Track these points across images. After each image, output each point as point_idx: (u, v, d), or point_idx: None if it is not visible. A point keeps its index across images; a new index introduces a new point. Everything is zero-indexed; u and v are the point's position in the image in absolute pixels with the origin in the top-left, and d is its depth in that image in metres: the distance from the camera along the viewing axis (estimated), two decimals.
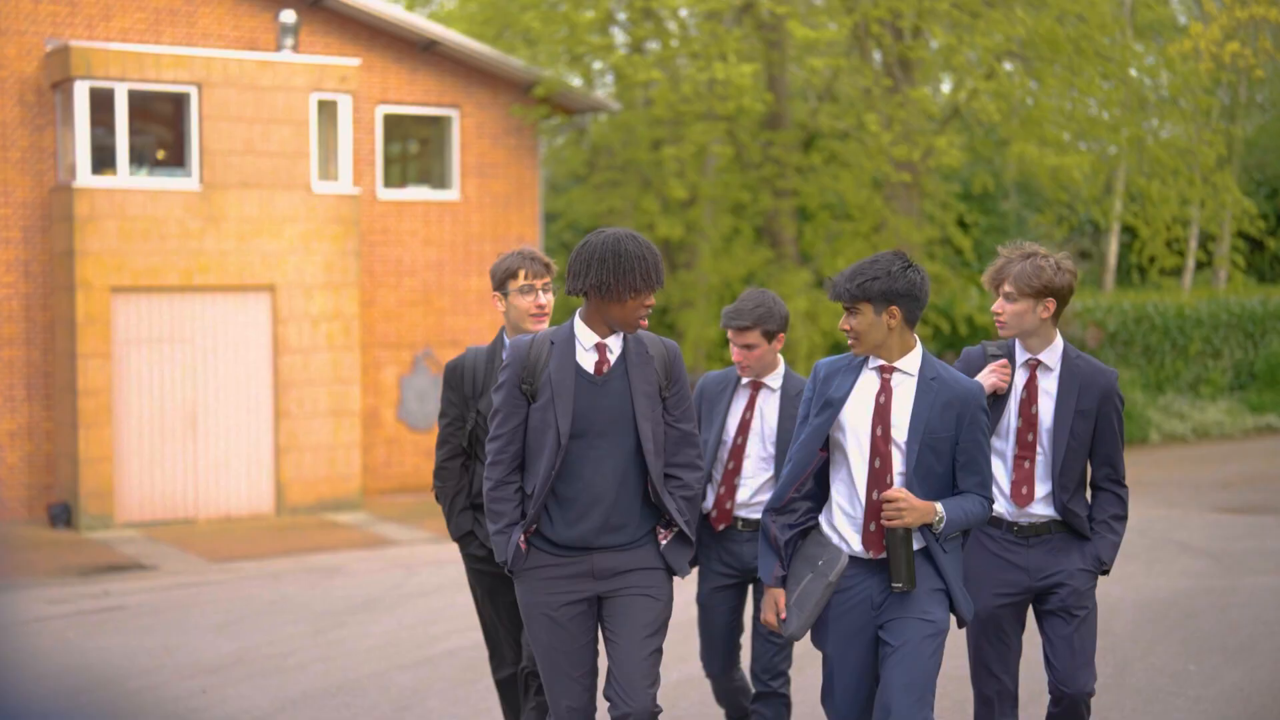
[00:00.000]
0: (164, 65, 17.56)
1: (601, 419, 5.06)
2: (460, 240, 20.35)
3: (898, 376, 5.04)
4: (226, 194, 17.83)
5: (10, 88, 17.52)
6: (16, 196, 17.58)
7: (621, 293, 4.96)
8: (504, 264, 5.99)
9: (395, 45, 19.84)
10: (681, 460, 5.20)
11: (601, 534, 5.08)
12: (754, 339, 6.14)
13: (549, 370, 5.05)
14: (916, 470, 5.00)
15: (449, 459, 6.06)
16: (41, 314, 17.75)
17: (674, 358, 5.21)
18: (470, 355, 6.08)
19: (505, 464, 5.13)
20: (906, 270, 4.97)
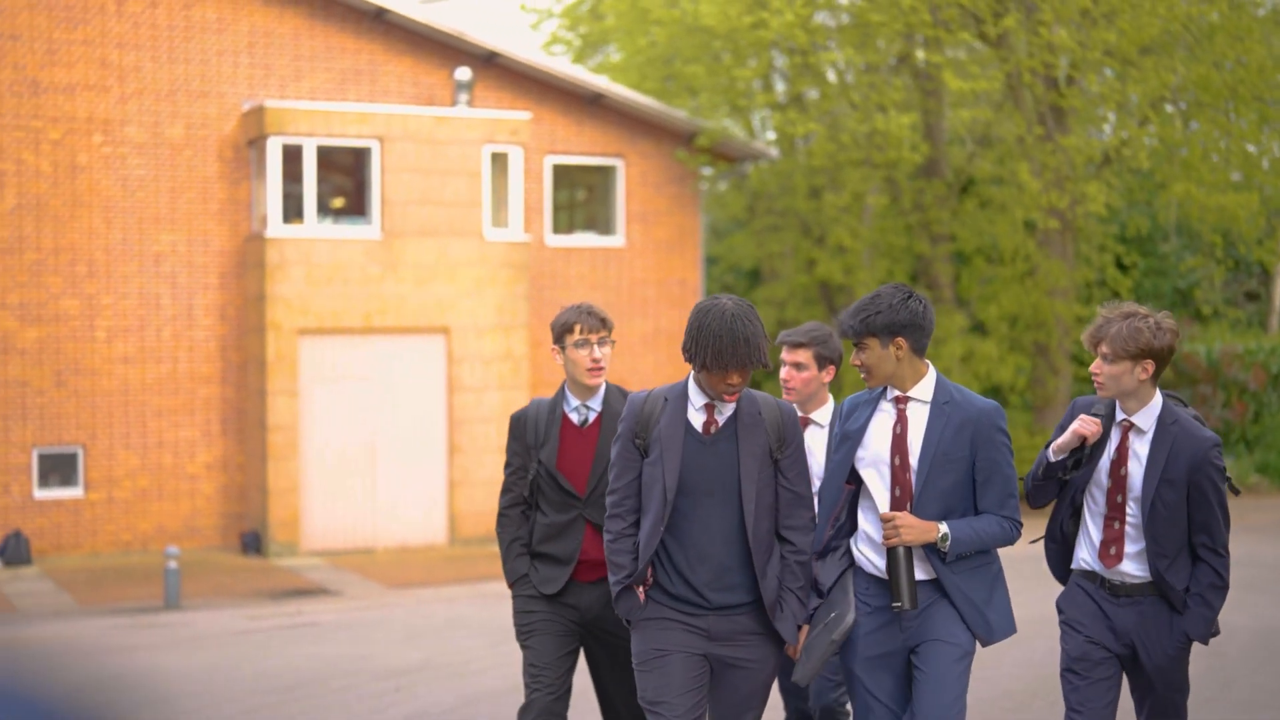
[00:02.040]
0: (348, 122, 19.28)
1: (708, 478, 5.21)
2: (625, 284, 21.73)
3: (913, 405, 5.30)
4: (405, 241, 19.45)
5: (211, 145, 19.40)
6: (215, 245, 19.43)
7: (714, 369, 5.12)
8: (562, 318, 6.18)
9: (564, 99, 21.36)
10: (794, 523, 5.33)
11: (713, 591, 5.24)
12: (804, 358, 6.32)
13: (660, 426, 5.25)
14: (927, 491, 5.20)
15: (510, 507, 6.31)
16: (235, 354, 19.54)
17: (788, 421, 5.32)
18: (533, 407, 6.31)
19: (623, 517, 5.34)
20: (907, 301, 5.23)
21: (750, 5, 21.13)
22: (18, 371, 18.51)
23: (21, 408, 18.54)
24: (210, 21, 19.42)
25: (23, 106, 18.49)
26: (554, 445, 6.16)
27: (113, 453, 18.98)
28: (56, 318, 18.70)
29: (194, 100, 19.33)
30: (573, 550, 6.12)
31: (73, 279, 18.77)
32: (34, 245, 18.57)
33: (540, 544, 6.22)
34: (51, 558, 18.58)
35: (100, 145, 18.88)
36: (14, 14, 18.44)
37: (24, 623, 14.80)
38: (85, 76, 18.80)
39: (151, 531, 19.15)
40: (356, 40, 20.19)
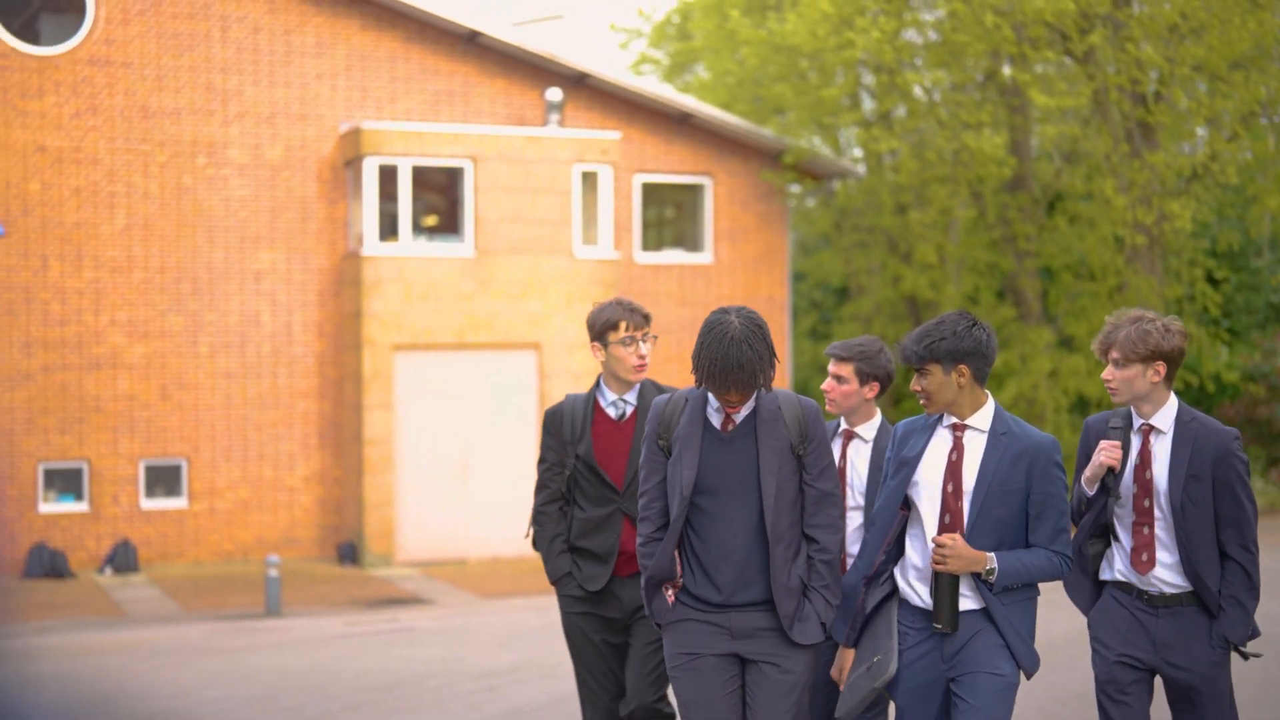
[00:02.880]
0: (442, 142, 19.95)
1: (729, 476, 5.24)
2: (713, 300, 22.21)
3: (970, 434, 5.30)
4: (497, 259, 20.08)
5: (310, 166, 20.16)
6: (313, 263, 20.17)
7: (714, 389, 5.18)
8: (604, 315, 6.23)
9: (653, 118, 21.91)
10: (821, 521, 5.32)
11: (736, 590, 5.25)
12: (845, 372, 6.26)
13: (680, 426, 5.32)
14: (980, 522, 5.20)
15: (547, 503, 6.38)
16: (333, 370, 20.25)
17: (810, 417, 5.33)
18: (569, 402, 6.39)
19: (653, 519, 5.38)
20: (972, 329, 5.25)
21: (836, 25, 21.55)
22: (126, 386, 19.34)
23: (129, 421, 19.37)
24: (309, 46, 20.19)
25: (133, 131, 19.35)
26: (590, 439, 6.25)
27: (215, 465, 19.76)
28: (162, 334, 19.52)
29: (293, 122, 20.11)
30: (611, 545, 6.24)
31: (178, 296, 19.58)
32: (142, 264, 19.41)
33: (578, 539, 6.31)
34: (157, 566, 19.37)
35: (204, 167, 19.70)
36: (126, 43, 19.32)
37: (133, 626, 15.54)
38: (191, 101, 19.63)
39: (252, 542, 19.89)
40: (450, 62, 20.88)
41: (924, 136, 22.66)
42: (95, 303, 19.23)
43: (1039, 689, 9.59)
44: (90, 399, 19.21)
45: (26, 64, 18.92)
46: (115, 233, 19.31)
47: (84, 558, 19.11)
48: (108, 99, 19.28)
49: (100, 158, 19.24)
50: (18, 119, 18.86)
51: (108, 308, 19.28)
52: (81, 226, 19.17)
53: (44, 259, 19.01)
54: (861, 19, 21.07)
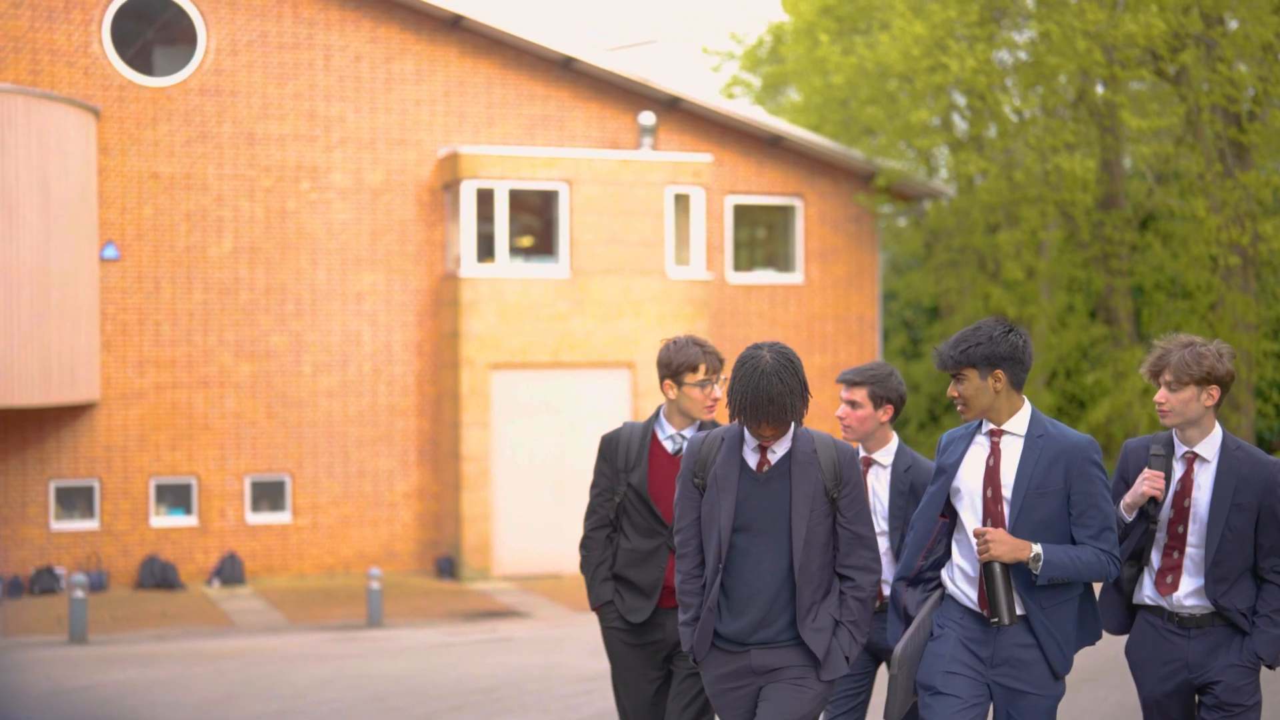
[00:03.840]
0: (538, 166, 20.63)
1: (762, 516, 5.37)
2: (804, 320, 22.69)
3: (1007, 439, 5.43)
4: (591, 280, 20.71)
5: (409, 190, 20.93)
6: (412, 284, 20.92)
7: (747, 422, 5.33)
8: (684, 355, 6.31)
9: (744, 141, 22.47)
10: (855, 562, 5.45)
11: (757, 629, 5.39)
12: (859, 397, 6.39)
13: (716, 465, 5.44)
14: (1021, 524, 5.33)
15: (595, 529, 6.45)
16: (431, 388, 20.97)
17: (845, 460, 5.45)
18: (626, 429, 6.45)
19: (690, 556, 5.52)
20: (1008, 334, 5.37)
21: (929, 47, 21.96)
22: (233, 404, 20.18)
23: (236, 438, 20.20)
24: (409, 74, 20.97)
25: (240, 157, 20.23)
26: (644, 470, 6.32)
27: (318, 481, 20.54)
28: (268, 353, 20.35)
29: (393, 148, 20.89)
30: (655, 579, 6.32)
31: (282, 317, 20.41)
32: (248, 285, 20.26)
33: (623, 569, 6.38)
34: (262, 578, 20.17)
35: (307, 191, 20.52)
36: (234, 73, 20.21)
37: (241, 635, 16.29)
38: (295, 128, 20.48)
39: (353, 556, 20.64)
40: (546, 88, 21.57)
41: (1013, 157, 23.01)
42: (204, 323, 20.10)
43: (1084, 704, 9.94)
44: (199, 417, 20.07)
45: (141, 95, 19.86)
46: (223, 256, 20.18)
47: (193, 570, 19.95)
48: (216, 127, 20.18)
49: (209, 183, 20.13)
50: (133, 147, 19.80)
51: (216, 328, 20.14)
52: (191, 250, 20.06)
53: (156, 281, 19.91)
54: (956, 43, 21.46)
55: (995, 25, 22.44)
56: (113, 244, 19.69)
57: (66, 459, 19.55)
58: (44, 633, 16.42)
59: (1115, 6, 20.70)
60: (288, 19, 20.48)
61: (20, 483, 19.34)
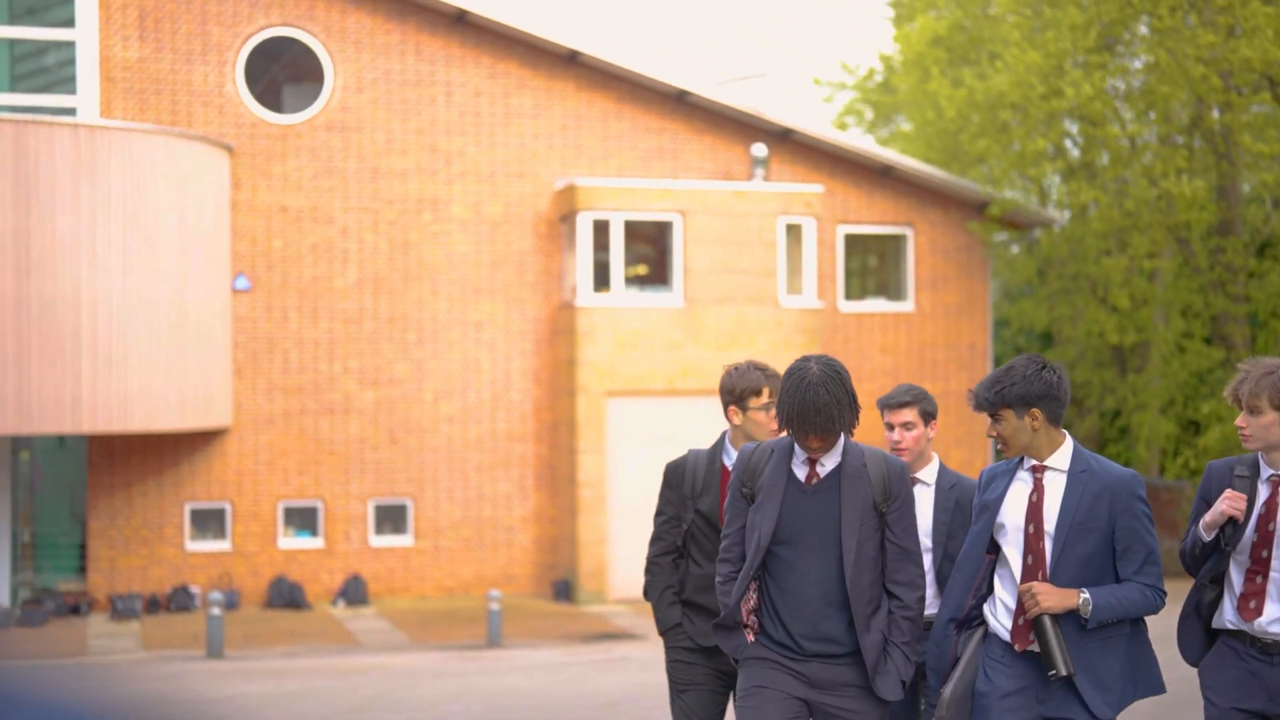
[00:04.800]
0: (653, 197, 21.32)
1: (810, 528, 5.43)
2: (915, 348, 23.13)
3: (1049, 474, 5.49)
4: (705, 309, 21.33)
5: (527, 221, 21.72)
6: (530, 313, 21.69)
7: (795, 433, 5.41)
8: (747, 380, 6.45)
9: (855, 171, 23.00)
10: (902, 578, 5.49)
11: (812, 641, 5.44)
12: (911, 416, 6.56)
13: (765, 475, 5.52)
14: (1064, 561, 5.39)
15: (661, 555, 6.54)
16: (548, 414, 21.70)
17: (895, 475, 5.51)
18: (691, 457, 6.56)
19: (732, 562, 5.60)
20: (1042, 372, 5.46)
21: (1044, 75, 22.31)
22: (357, 430, 21.06)
23: (360, 463, 21.07)
24: (527, 108, 21.78)
25: (364, 190, 21.15)
26: (714, 495, 6.40)
27: (438, 505, 21.34)
28: (390, 381, 21.21)
29: (512, 180, 21.69)
30: None
31: (404, 345, 21.26)
32: (372, 315, 21.15)
33: (693, 594, 6.45)
34: (385, 599, 20.99)
35: (429, 223, 21.38)
36: (359, 110, 21.16)
37: (367, 653, 17.07)
38: (417, 162, 21.36)
39: (472, 578, 21.40)
40: (660, 120, 22.26)
41: (1125, 185, 23.27)
42: (330, 351, 21.01)
43: None
44: (325, 442, 20.97)
45: (271, 131, 20.86)
46: (348, 286, 21.08)
47: (319, 590, 20.82)
48: (342, 162, 21.11)
49: (335, 216, 21.06)
50: (263, 181, 20.79)
51: (341, 356, 21.04)
52: (318, 281, 20.99)
53: (285, 311, 20.86)
54: (1072, 69, 21.78)
55: (1108, 53, 22.75)
56: (244, 275, 20.68)
57: (200, 482, 20.53)
58: (181, 648, 17.32)
59: (1231, 33, 20.94)
60: (410, 57, 21.39)
61: (158, 505, 20.35)
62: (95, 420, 18.38)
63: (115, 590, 20.08)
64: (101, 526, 20.23)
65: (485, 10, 21.18)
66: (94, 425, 18.45)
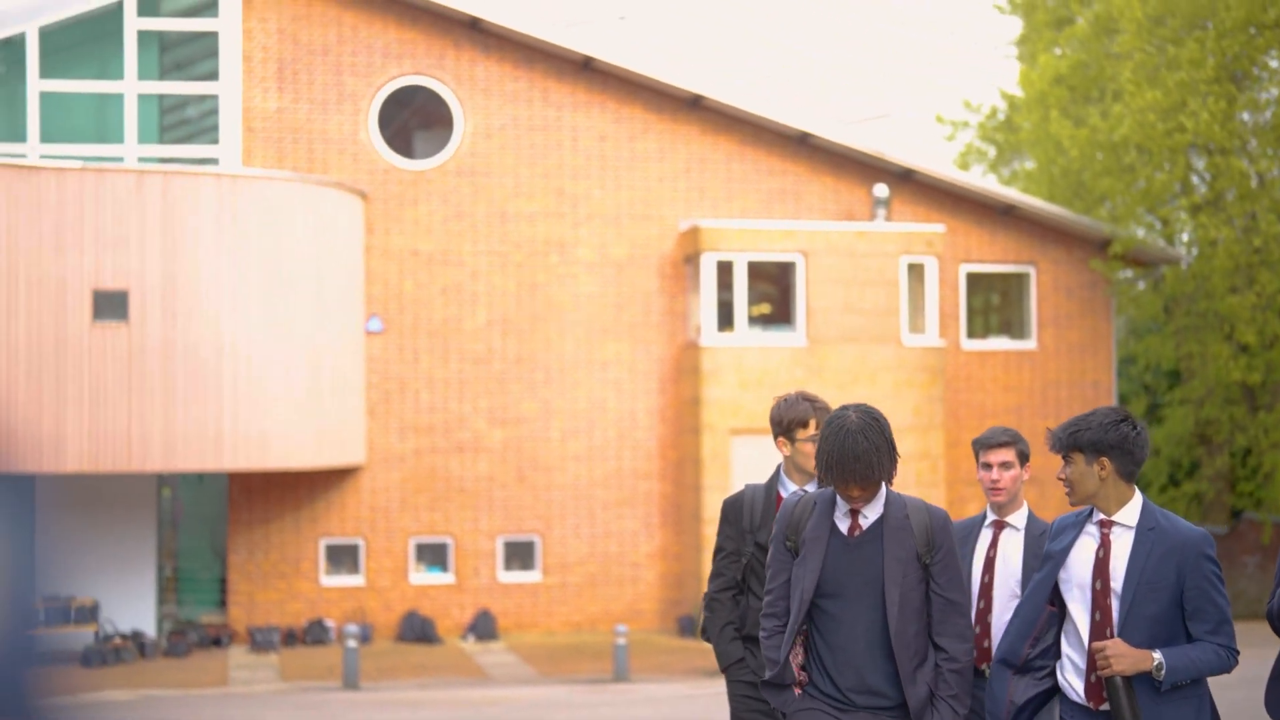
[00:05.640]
0: (776, 238, 21.77)
1: (854, 581, 5.41)
2: (1038, 386, 23.30)
3: (1117, 529, 5.41)
4: (827, 348, 21.71)
5: (652, 262, 22.28)
6: (655, 353, 22.22)
7: (835, 483, 5.39)
8: (794, 412, 6.48)
9: (976, 210, 23.28)
10: (948, 630, 5.45)
11: (859, 694, 5.41)
12: (1009, 457, 6.52)
13: (808, 528, 5.51)
14: (1133, 619, 5.31)
15: (721, 591, 6.59)
16: (673, 452, 22.19)
17: (938, 525, 5.50)
18: (749, 491, 6.63)
19: (777, 616, 5.56)
20: (1119, 424, 5.37)
21: (1165, 112, 22.43)
22: (486, 468, 21.71)
23: (489, 500, 21.71)
24: (651, 152, 22.37)
25: (493, 233, 21.86)
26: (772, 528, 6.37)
27: (565, 541, 21.90)
28: (518, 420, 21.84)
29: (637, 222, 22.28)
30: None
31: (532, 385, 21.89)
32: (500, 355, 21.81)
33: (754, 629, 6.45)
34: (514, 634, 21.57)
35: (556, 265, 22.02)
36: (488, 155, 21.90)
37: (497, 686, 17.63)
38: (545, 205, 22.04)
39: (599, 613, 21.91)
40: (782, 162, 22.74)
41: (1253, 221, 23.26)
42: (460, 391, 21.70)
43: None
44: (455, 479, 21.65)
45: (403, 177, 21.66)
46: (477, 328, 21.77)
47: (449, 625, 21.45)
48: (471, 206, 21.84)
49: (465, 259, 21.78)
50: (395, 226, 21.58)
51: (470, 396, 21.72)
52: (448, 322, 21.71)
53: (416, 352, 21.60)
54: (1193, 100, 21.87)
55: (1234, 86, 22.79)
56: (377, 317, 21.45)
57: (335, 518, 21.29)
58: (318, 679, 18.01)
59: None
60: (538, 103, 22.09)
61: (295, 540, 21.14)
62: (235, 458, 19.22)
63: (254, 623, 20.87)
64: (241, 561, 21.06)
65: (610, 56, 21.84)
66: (234, 462, 19.29)
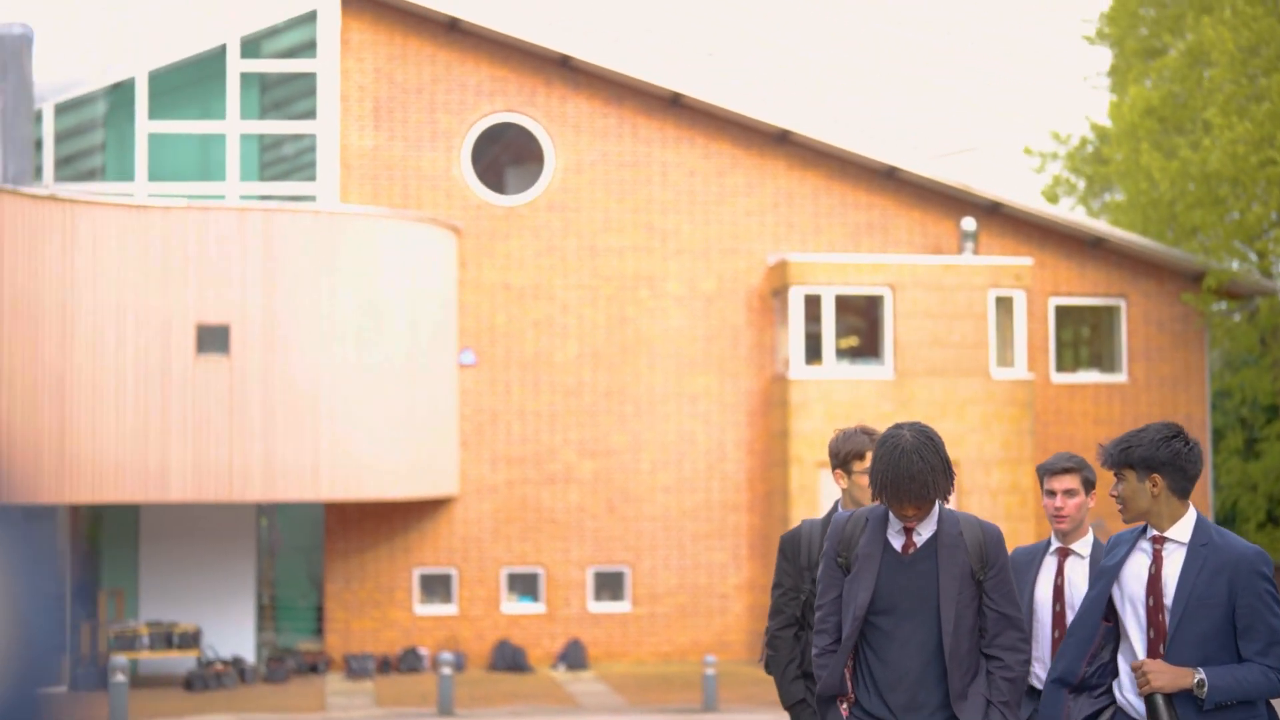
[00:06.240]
0: (863, 272, 22.03)
1: (907, 598, 5.44)
2: (1129, 419, 23.32)
3: (1169, 546, 5.40)
4: (915, 381, 21.91)
5: (740, 296, 22.61)
6: (743, 386, 22.53)
7: (889, 501, 5.42)
8: (851, 444, 6.48)
9: (1065, 243, 23.40)
10: (1004, 643, 5.49)
11: (908, 711, 5.43)
12: (1073, 483, 6.50)
13: (860, 545, 5.53)
14: (1182, 636, 5.28)
15: (782, 628, 6.58)
16: (762, 484, 22.47)
17: (991, 541, 5.52)
18: (806, 527, 6.63)
19: (828, 633, 5.60)
20: (1171, 440, 5.37)
21: (1258, 143, 22.44)
22: (577, 499, 22.10)
23: (579, 531, 22.09)
24: (740, 187, 22.73)
25: (584, 267, 22.31)
26: None
27: (654, 572, 22.22)
28: (608, 452, 22.22)
29: (725, 256, 22.63)
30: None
31: (622, 417, 22.27)
32: (591, 388, 22.22)
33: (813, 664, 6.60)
34: (604, 664, 21.90)
35: (646, 299, 22.42)
36: (578, 191, 22.38)
37: (586, 715, 17.97)
38: (634, 240, 22.45)
39: (688, 644, 22.20)
40: (869, 196, 23.01)
41: None
42: (551, 423, 22.12)
43: None
44: (546, 510, 22.05)
45: (495, 212, 22.17)
46: (568, 360, 22.20)
47: (540, 654, 21.83)
48: (562, 240, 22.31)
49: (556, 293, 22.23)
50: (488, 260, 22.08)
51: (561, 428, 22.13)
52: (539, 355, 22.16)
53: (508, 385, 22.06)
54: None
55: None
56: (470, 350, 21.94)
57: (429, 548, 21.77)
58: (413, 705, 18.45)
59: None
60: (627, 139, 22.53)
61: (389, 569, 21.63)
62: (332, 488, 19.76)
63: (349, 650, 21.37)
64: (337, 590, 21.58)
65: (699, 92, 22.24)
66: (331, 493, 19.84)
